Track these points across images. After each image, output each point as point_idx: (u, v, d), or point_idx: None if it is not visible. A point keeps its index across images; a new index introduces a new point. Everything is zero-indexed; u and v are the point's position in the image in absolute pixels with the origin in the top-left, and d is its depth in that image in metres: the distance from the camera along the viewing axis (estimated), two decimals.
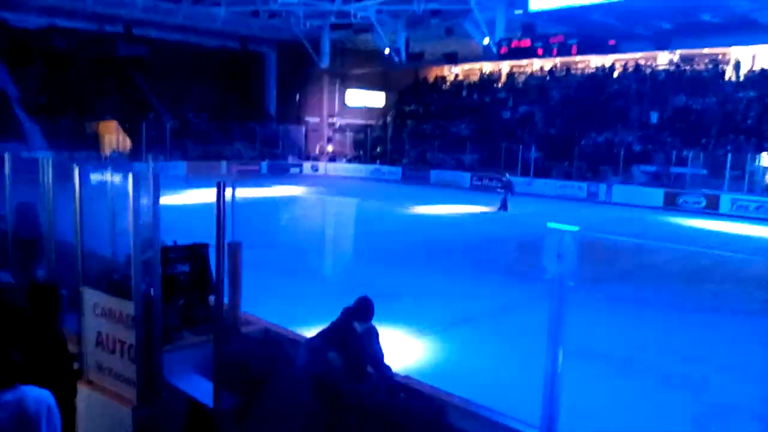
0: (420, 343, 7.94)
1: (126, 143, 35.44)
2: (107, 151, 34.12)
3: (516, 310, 9.56)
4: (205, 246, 5.64)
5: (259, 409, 5.04)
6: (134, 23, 34.84)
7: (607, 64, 36.84)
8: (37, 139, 30.98)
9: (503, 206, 22.17)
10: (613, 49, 30.33)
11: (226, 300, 5.35)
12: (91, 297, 5.27)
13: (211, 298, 5.55)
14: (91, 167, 5.73)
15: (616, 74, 36.23)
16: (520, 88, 39.54)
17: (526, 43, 31.45)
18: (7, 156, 7.11)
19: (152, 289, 4.81)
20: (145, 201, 4.70)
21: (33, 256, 7.05)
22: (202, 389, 4.94)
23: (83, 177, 5.62)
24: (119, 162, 29.92)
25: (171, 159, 33.48)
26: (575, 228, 2.65)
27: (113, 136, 35.35)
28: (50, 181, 6.13)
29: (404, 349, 7.55)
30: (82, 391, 4.87)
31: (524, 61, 39.01)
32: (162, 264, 5.05)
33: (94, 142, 34.26)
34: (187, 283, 5.49)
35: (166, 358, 5.02)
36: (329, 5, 32.25)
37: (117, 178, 5.64)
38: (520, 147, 31.38)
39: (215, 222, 4.49)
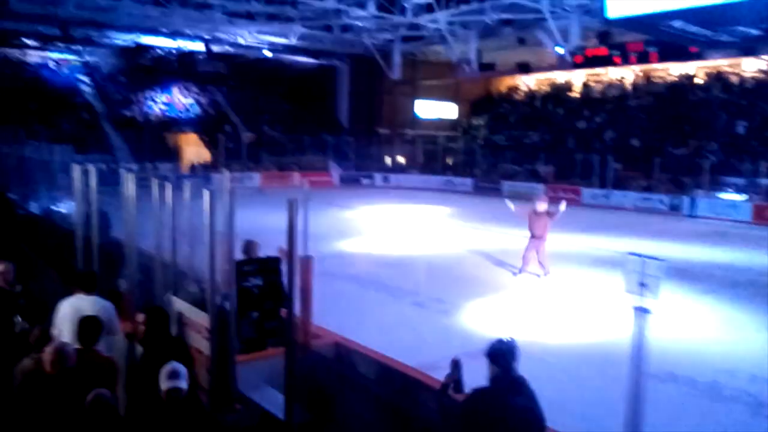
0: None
1: (205, 155, 36.71)
2: (187, 163, 35.44)
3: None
4: (278, 259, 5.73)
5: (330, 426, 5.05)
6: (213, 41, 36.15)
7: (690, 72, 35.36)
8: (123, 152, 32.56)
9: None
10: (696, 57, 29.04)
11: (297, 313, 5.41)
12: (178, 306, 5.44)
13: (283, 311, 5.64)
14: (173, 180, 5.91)
15: (699, 82, 34.71)
16: (596, 98, 38.49)
17: (603, 51, 30.54)
18: (91, 168, 7.47)
19: (227, 303, 4.91)
20: (221, 215, 4.81)
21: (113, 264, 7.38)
22: (274, 402, 4.99)
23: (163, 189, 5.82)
24: (198, 174, 30.95)
25: (247, 170, 34.44)
26: (661, 259, 2.49)
27: (193, 149, 36.68)
28: (132, 193, 6.37)
29: None
30: None
31: (600, 70, 37.96)
32: (236, 277, 5.16)
33: (175, 154, 35.67)
34: (260, 296, 5.59)
35: (240, 369, 5.11)
36: (400, 18, 32.41)
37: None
38: (597, 158, 30.48)
39: (287, 237, 4.54)
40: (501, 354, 3.48)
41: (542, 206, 12.33)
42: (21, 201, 12.39)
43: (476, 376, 3.60)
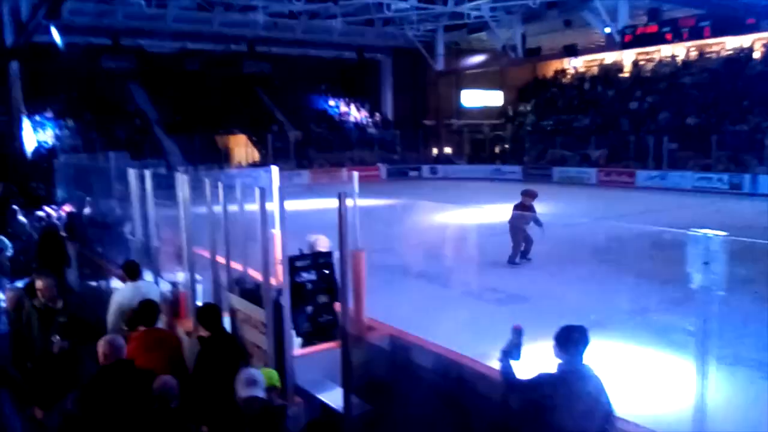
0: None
1: (254, 155, 37.31)
2: (236, 163, 36.10)
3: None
4: (329, 254, 5.76)
5: (388, 417, 5.05)
6: (257, 41, 36.63)
7: (746, 45, 33.94)
8: (175, 156, 33.37)
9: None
10: (753, 29, 27.83)
11: (350, 306, 5.43)
12: (236, 303, 5.54)
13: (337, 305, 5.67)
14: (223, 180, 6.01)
15: (756, 56, 33.28)
16: (647, 77, 37.36)
17: (653, 29, 29.64)
18: (147, 173, 7.67)
19: (281, 297, 4.96)
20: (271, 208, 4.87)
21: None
22: (332, 394, 5.03)
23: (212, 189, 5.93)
24: (248, 173, 31.45)
25: (295, 168, 34.85)
26: (722, 234, 2.38)
27: (242, 149, 37.33)
28: (187, 196, 6.50)
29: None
30: None
31: (651, 49, 36.82)
32: (289, 272, 5.21)
33: (225, 155, 36.38)
34: (314, 290, 5.63)
35: (297, 363, 5.17)
36: (442, 7, 32.16)
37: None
38: (651, 139, 29.64)
39: (338, 231, 4.56)
40: (571, 341, 3.42)
41: (527, 200, 12.96)
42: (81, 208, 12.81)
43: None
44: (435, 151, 41.60)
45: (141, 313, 5.38)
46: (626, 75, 39.08)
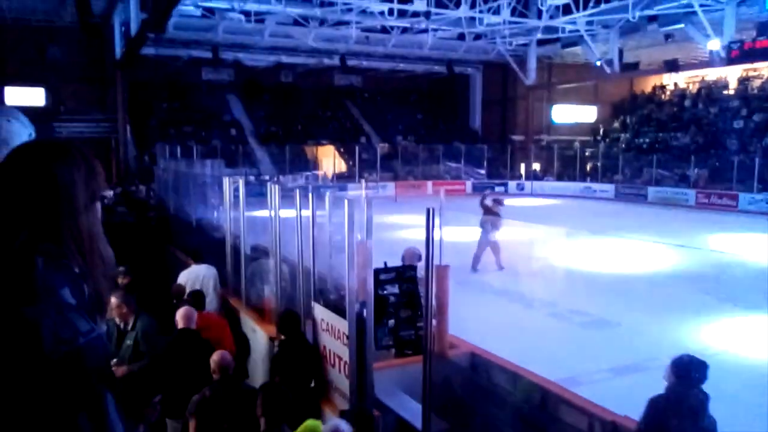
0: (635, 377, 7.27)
1: (341, 165, 37.94)
2: (324, 173, 36.84)
3: None
4: (414, 268, 5.74)
5: None
6: (349, 55, 37.32)
7: None
8: (266, 165, 34.44)
9: None
10: None
11: (433, 322, 5.37)
12: (319, 313, 5.62)
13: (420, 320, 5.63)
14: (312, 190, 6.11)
15: None
16: (754, 95, 35.24)
17: (763, 43, 27.87)
18: (241, 180, 7.94)
19: (365, 310, 4.97)
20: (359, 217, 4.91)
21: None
22: (410, 410, 4.98)
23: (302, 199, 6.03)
24: (335, 184, 32.03)
25: (381, 180, 35.15)
26: None
27: (330, 160, 38.06)
28: (277, 203, 6.66)
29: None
30: None
31: (760, 65, 34.70)
32: (373, 285, 5.22)
33: (313, 165, 37.21)
34: (397, 304, 5.62)
35: (376, 376, 5.16)
36: (535, 21, 31.64)
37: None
38: (757, 160, 27.89)
39: (425, 246, 4.52)
40: (682, 366, 3.55)
41: (497, 207, 12.91)
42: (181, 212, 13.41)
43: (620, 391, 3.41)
44: (523, 167, 40.81)
45: (193, 302, 6.13)
46: (731, 92, 37.05)
